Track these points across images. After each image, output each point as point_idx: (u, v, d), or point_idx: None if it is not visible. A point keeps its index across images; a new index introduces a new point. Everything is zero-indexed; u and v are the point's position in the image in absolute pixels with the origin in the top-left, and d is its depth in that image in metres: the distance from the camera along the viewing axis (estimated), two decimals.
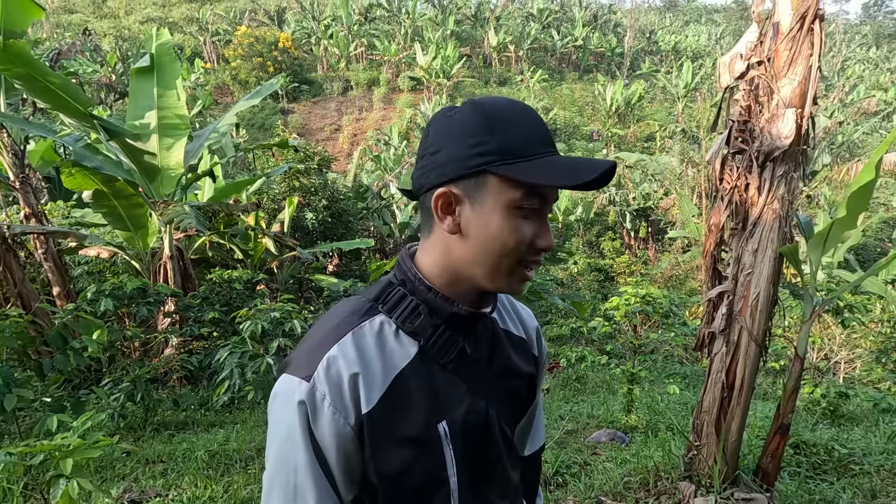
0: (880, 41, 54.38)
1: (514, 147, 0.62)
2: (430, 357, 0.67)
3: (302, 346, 0.67)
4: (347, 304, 0.70)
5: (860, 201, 2.16)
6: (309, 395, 0.61)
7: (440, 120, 0.66)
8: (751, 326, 2.40)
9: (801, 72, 2.14)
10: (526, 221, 0.64)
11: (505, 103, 0.65)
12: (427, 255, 0.69)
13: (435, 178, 0.65)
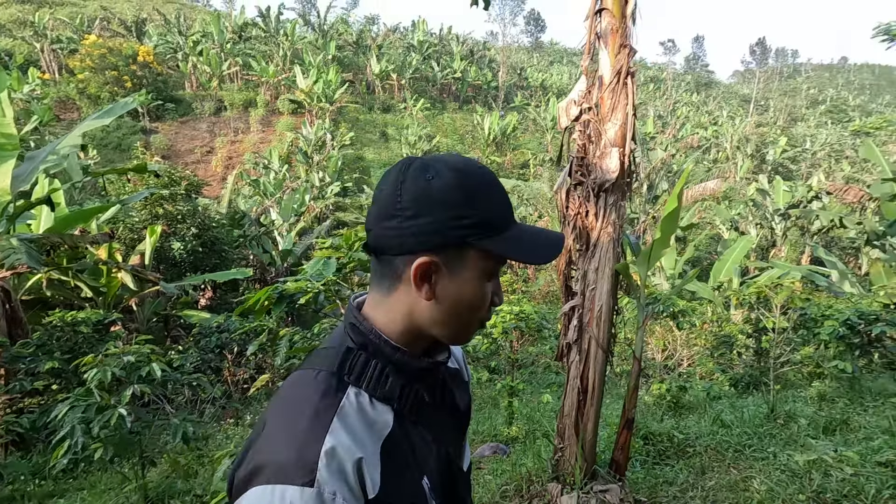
0: (699, 88, 65.61)
1: (493, 221, 0.66)
2: (403, 417, 0.67)
3: (273, 444, 0.59)
4: (309, 383, 0.65)
5: (670, 225, 2.61)
6: (318, 499, 0.55)
7: (417, 182, 0.65)
8: (597, 335, 2.73)
9: (620, 117, 2.54)
10: (490, 283, 0.69)
11: (478, 173, 0.68)
12: (384, 314, 0.69)
13: (414, 245, 0.65)
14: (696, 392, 6.30)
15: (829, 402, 4.97)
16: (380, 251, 0.68)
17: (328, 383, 0.64)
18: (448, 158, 0.68)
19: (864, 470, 3.06)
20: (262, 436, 0.60)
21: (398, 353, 0.68)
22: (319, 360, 0.67)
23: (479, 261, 0.66)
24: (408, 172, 0.66)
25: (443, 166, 0.66)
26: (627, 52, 2.48)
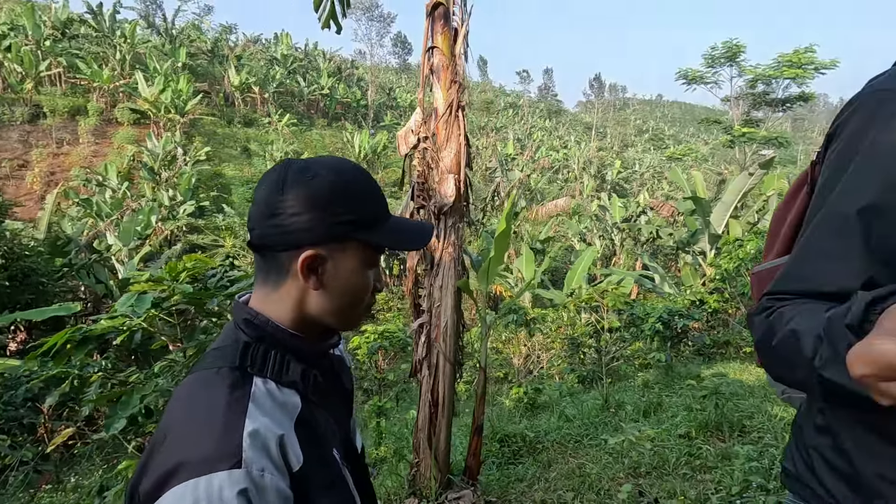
0: (551, 115, 73.19)
1: (370, 215, 0.74)
2: (307, 400, 0.71)
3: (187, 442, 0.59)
4: (212, 381, 0.66)
5: (503, 243, 2.87)
6: (247, 478, 0.57)
7: (298, 182, 0.70)
8: (445, 350, 2.88)
9: (455, 146, 2.75)
10: (371, 271, 0.76)
11: (354, 171, 0.75)
12: (276, 307, 0.72)
13: (299, 240, 0.70)
14: (551, 392, 6.93)
15: (650, 388, 5.84)
16: (264, 248, 0.72)
17: (233, 377, 0.66)
18: (324, 160, 0.74)
19: (667, 443, 3.66)
20: (170, 439, 0.60)
21: (296, 341, 0.72)
22: (214, 360, 0.69)
23: (360, 251, 0.74)
24: (288, 173, 0.71)
25: (321, 167, 0.72)
26: (457, 87, 2.71)
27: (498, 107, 63.51)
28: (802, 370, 0.59)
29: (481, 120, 53.16)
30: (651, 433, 3.14)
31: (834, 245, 0.67)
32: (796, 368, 0.61)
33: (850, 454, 0.73)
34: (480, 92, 70.11)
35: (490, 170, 24.43)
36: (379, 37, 48.81)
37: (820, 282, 0.66)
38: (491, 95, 67.69)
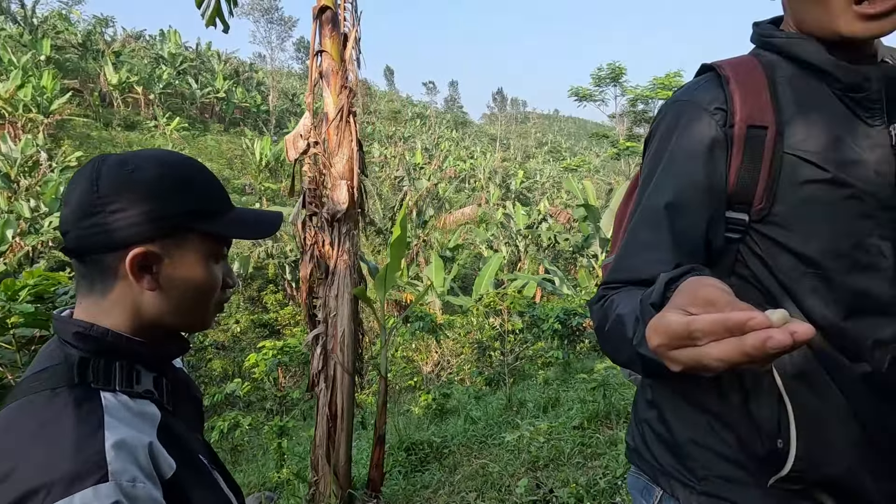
0: (458, 126, 75.22)
1: (208, 206, 0.69)
2: (163, 409, 0.67)
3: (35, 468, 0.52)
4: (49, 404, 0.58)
5: (399, 250, 2.87)
6: (117, 491, 0.53)
7: (117, 176, 0.64)
8: (342, 360, 2.80)
9: (347, 152, 2.71)
10: (217, 266, 0.71)
11: (183, 162, 0.70)
12: (109, 316, 0.66)
13: (124, 239, 0.64)
14: (460, 396, 7.04)
15: (549, 385, 6.17)
16: (84, 252, 0.65)
17: (75, 395, 0.59)
18: (145, 152, 0.69)
19: (562, 435, 3.88)
20: (15, 472, 0.52)
21: (142, 348, 0.67)
22: (43, 383, 0.61)
23: (201, 244, 0.69)
24: (103, 168, 0.66)
25: (142, 160, 0.67)
26: (348, 92, 2.67)
27: (406, 117, 63.99)
28: (628, 350, 0.63)
29: (389, 129, 53.17)
30: (545, 427, 3.31)
31: (649, 237, 0.74)
32: (624, 349, 0.65)
33: (670, 423, 0.81)
34: (388, 101, 70.15)
35: (398, 179, 24.45)
36: (280, 40, 46.93)
37: (640, 270, 0.73)
38: (398, 105, 68.05)
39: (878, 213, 0.69)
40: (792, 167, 0.70)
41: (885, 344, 0.70)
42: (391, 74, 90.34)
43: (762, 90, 0.72)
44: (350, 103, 2.70)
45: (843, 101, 0.71)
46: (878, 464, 0.72)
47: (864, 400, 0.71)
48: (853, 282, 0.69)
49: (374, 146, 42.95)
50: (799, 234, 0.70)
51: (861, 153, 0.70)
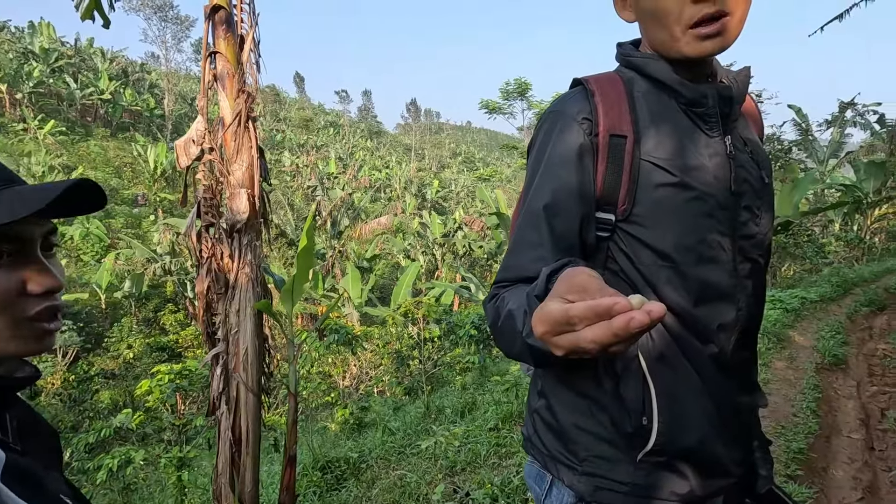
0: (372, 136, 74.73)
1: None
2: (11, 448, 0.58)
3: None
4: None
5: (307, 260, 2.77)
6: None
7: None
8: (246, 379, 2.63)
9: (247, 159, 2.57)
10: (5, 271, 0.55)
11: None
12: None
13: None
14: (379, 408, 6.91)
15: (466, 390, 6.27)
16: None
17: None
18: None
19: (479, 438, 3.96)
20: None
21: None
22: None
23: None
24: None
25: None
26: (246, 96, 2.54)
27: (318, 125, 62.33)
28: (519, 342, 0.67)
29: (300, 137, 51.43)
30: (459, 431, 3.35)
31: (531, 237, 0.80)
32: (516, 342, 0.69)
33: (555, 410, 0.87)
34: (298, 109, 67.93)
35: (311, 188, 23.69)
36: (176, 41, 43.60)
37: (525, 268, 0.78)
38: (310, 113, 66.13)
39: (718, 213, 0.79)
40: (647, 172, 0.78)
41: (728, 327, 0.80)
42: (301, 82, 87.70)
43: (622, 103, 0.80)
44: (249, 108, 2.58)
45: (688, 115, 0.81)
46: (726, 434, 0.81)
47: (714, 378, 0.80)
48: (699, 273, 0.78)
49: (285, 154, 41.30)
50: (654, 231, 0.78)
51: (703, 160, 0.79)
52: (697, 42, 0.74)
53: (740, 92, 0.83)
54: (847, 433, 3.75)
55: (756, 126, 0.92)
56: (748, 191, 0.82)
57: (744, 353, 0.85)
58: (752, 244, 0.82)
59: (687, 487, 0.80)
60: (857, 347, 5.80)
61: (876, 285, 9.42)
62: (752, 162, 0.83)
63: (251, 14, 2.80)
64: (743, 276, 0.81)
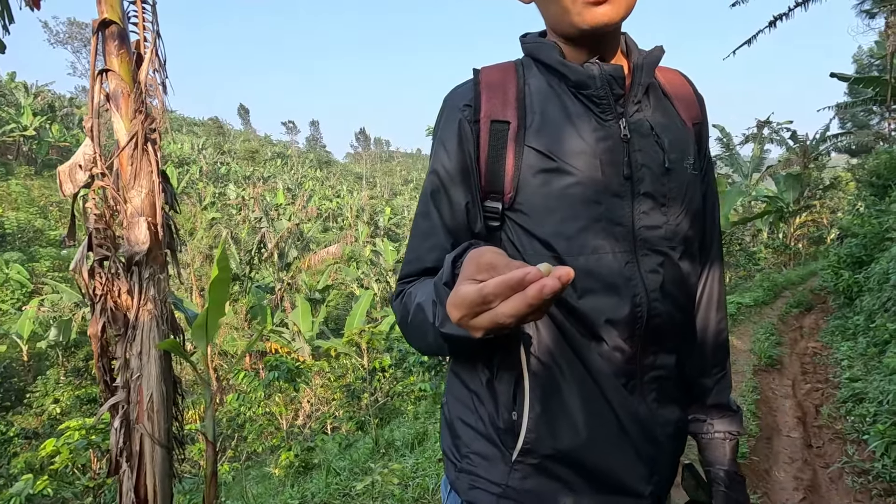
0: (322, 165, 73.95)
1: None
2: None
3: None
4: None
5: (220, 292, 2.55)
6: None
7: None
8: (151, 430, 2.34)
9: (146, 184, 2.35)
10: None
11: None
12: None
13: None
14: (330, 446, 6.53)
15: (419, 419, 6.03)
16: None
17: None
18: None
19: (428, 470, 3.74)
20: None
21: None
22: None
23: None
24: None
25: None
26: (143, 117, 2.34)
27: (265, 156, 61.14)
28: (432, 333, 0.65)
29: (246, 169, 50.21)
30: (398, 467, 3.13)
31: (424, 225, 0.79)
32: (428, 335, 0.67)
33: (449, 405, 0.84)
34: (244, 141, 66.48)
35: (258, 219, 22.97)
36: None
37: (424, 258, 0.78)
38: (256, 144, 64.85)
39: (606, 200, 0.73)
40: (531, 159, 0.75)
41: (620, 323, 0.72)
42: (246, 113, 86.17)
43: (510, 89, 0.78)
44: (148, 129, 2.37)
45: (579, 98, 0.76)
46: (625, 446, 0.74)
47: (604, 377, 0.73)
48: (582, 263, 0.72)
49: (230, 187, 39.98)
50: (537, 220, 0.74)
51: (588, 145, 0.74)
52: (588, 10, 0.70)
53: (645, 71, 0.77)
54: (787, 432, 3.83)
55: (688, 108, 0.85)
56: (647, 177, 0.75)
57: (660, 358, 0.76)
58: (660, 235, 0.75)
59: (570, 499, 0.73)
60: (790, 347, 6.06)
61: (803, 287, 10.02)
62: (655, 146, 0.76)
63: (154, 32, 2.62)
64: (647, 269, 0.74)
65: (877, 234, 6.72)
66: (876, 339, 4.72)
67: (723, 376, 0.90)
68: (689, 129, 0.82)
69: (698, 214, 0.81)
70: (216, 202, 35.45)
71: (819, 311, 8.00)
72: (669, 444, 0.79)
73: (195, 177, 39.72)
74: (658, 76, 0.83)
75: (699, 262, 0.86)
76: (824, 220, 17.28)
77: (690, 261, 0.80)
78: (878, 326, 4.87)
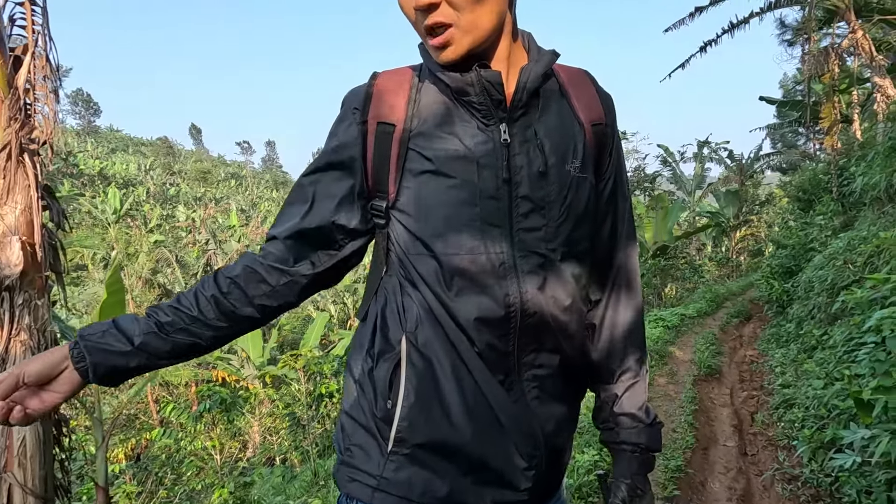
0: (278, 186, 72.49)
1: None
2: None
3: None
4: None
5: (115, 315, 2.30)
6: None
7: None
8: (23, 479, 2.06)
9: (21, 200, 2.11)
10: None
11: None
12: None
13: None
14: (273, 480, 6.15)
15: None
16: None
17: None
18: None
19: None
20: None
21: None
22: None
23: None
24: None
25: None
26: (19, 126, 2.12)
27: (217, 177, 59.42)
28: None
29: (198, 191, 48.59)
30: (318, 502, 2.92)
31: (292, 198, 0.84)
32: None
33: (343, 400, 0.84)
34: (195, 161, 64.47)
35: (205, 242, 22.07)
36: None
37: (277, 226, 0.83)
38: (208, 165, 62.99)
39: (483, 202, 0.74)
40: (413, 161, 0.77)
41: (493, 322, 0.74)
42: (198, 133, 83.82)
43: (401, 93, 0.80)
44: (25, 139, 2.14)
45: (461, 104, 0.78)
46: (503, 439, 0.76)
47: (480, 372, 0.74)
48: (455, 262, 0.74)
49: (179, 209, 38.46)
50: (416, 220, 0.76)
51: (468, 150, 0.76)
52: (435, 51, 0.75)
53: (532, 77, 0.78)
54: (723, 441, 3.85)
55: (589, 110, 0.85)
56: (524, 180, 0.76)
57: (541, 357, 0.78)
58: (538, 237, 0.76)
59: (445, 489, 0.74)
60: (729, 356, 6.22)
61: (742, 298, 10.45)
62: (536, 150, 0.77)
63: (44, 35, 2.41)
64: (525, 270, 0.75)
65: (803, 245, 7.08)
66: (805, 346, 4.90)
67: (634, 384, 0.88)
68: (586, 130, 0.83)
69: (586, 216, 0.81)
70: (163, 224, 33.96)
71: (757, 319, 8.32)
72: (550, 440, 0.80)
73: (141, 198, 38.01)
74: (561, 76, 0.84)
75: (591, 264, 0.85)
76: (762, 234, 18.26)
77: (577, 262, 0.81)
78: (807, 333, 5.06)
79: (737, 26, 9.06)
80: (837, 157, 7.91)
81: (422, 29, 0.73)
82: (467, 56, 0.73)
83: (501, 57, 0.79)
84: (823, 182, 8.68)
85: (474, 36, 0.72)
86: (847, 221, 6.87)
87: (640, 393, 0.87)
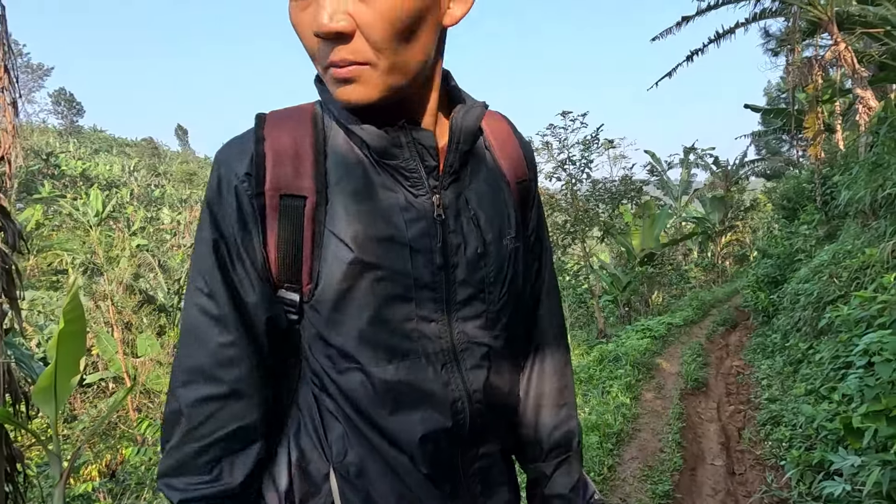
0: None
1: None
2: None
3: None
4: None
5: (72, 346, 2.17)
6: None
7: None
8: None
9: None
10: None
11: None
12: None
13: None
14: None
15: None
16: None
17: None
18: None
19: None
20: None
21: None
22: None
23: None
24: None
25: None
26: None
27: (204, 179, 58.67)
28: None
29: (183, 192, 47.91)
30: None
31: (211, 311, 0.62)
32: None
33: None
34: (181, 162, 63.62)
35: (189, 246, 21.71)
36: (27, 91, 38.89)
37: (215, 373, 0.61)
38: (195, 166, 62.20)
39: (417, 294, 0.61)
40: (330, 245, 0.60)
41: (440, 437, 0.63)
42: (185, 134, 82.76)
43: (305, 151, 0.61)
44: None
45: (382, 168, 0.62)
46: None
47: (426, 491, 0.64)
48: (392, 374, 0.61)
49: (164, 211, 37.83)
50: (334, 323, 0.60)
51: (395, 229, 0.61)
52: (336, 86, 0.56)
53: (463, 137, 0.63)
54: (711, 460, 3.80)
55: (515, 167, 0.72)
56: (462, 262, 0.64)
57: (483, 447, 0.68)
58: (481, 325, 0.65)
59: None
60: (715, 368, 6.20)
61: (728, 304, 10.49)
62: (471, 225, 0.65)
63: (1, 44, 2.28)
64: (469, 366, 0.64)
65: (789, 255, 7.11)
66: (791, 359, 4.88)
67: (564, 460, 0.78)
68: (512, 188, 0.72)
69: (520, 289, 0.71)
70: (147, 227, 33.36)
71: (743, 328, 8.34)
72: None
73: (125, 200, 37.31)
74: (484, 127, 0.71)
75: (525, 337, 0.77)
76: (747, 240, 18.45)
77: (515, 341, 0.72)
78: (793, 345, 5.04)
79: (723, 36, 9.13)
80: (821, 167, 7.99)
81: (319, 55, 0.56)
82: (379, 102, 0.56)
83: (429, 110, 0.63)
84: (807, 191, 8.76)
85: (396, 80, 0.56)
86: (831, 231, 6.92)
87: (572, 471, 0.78)
